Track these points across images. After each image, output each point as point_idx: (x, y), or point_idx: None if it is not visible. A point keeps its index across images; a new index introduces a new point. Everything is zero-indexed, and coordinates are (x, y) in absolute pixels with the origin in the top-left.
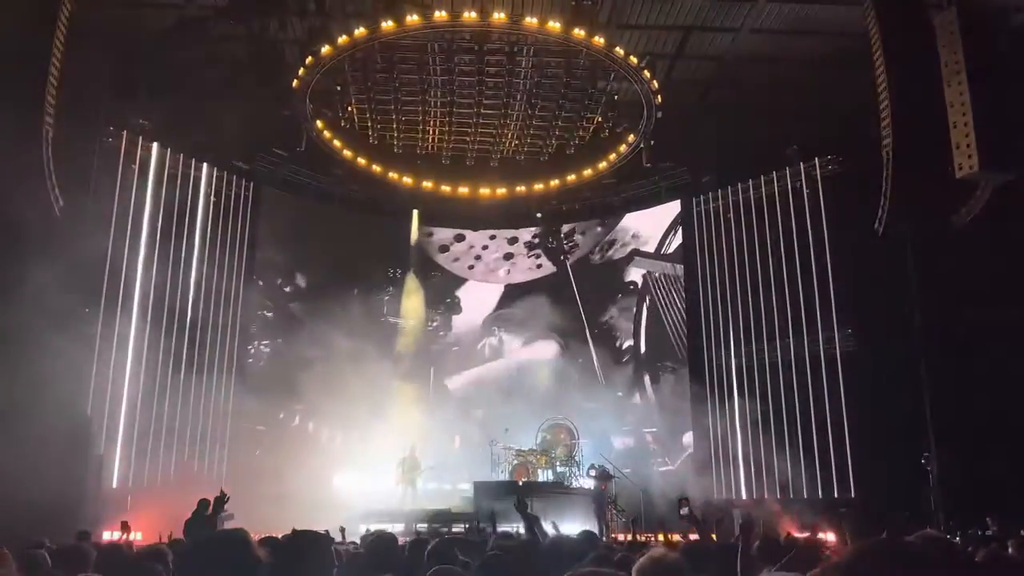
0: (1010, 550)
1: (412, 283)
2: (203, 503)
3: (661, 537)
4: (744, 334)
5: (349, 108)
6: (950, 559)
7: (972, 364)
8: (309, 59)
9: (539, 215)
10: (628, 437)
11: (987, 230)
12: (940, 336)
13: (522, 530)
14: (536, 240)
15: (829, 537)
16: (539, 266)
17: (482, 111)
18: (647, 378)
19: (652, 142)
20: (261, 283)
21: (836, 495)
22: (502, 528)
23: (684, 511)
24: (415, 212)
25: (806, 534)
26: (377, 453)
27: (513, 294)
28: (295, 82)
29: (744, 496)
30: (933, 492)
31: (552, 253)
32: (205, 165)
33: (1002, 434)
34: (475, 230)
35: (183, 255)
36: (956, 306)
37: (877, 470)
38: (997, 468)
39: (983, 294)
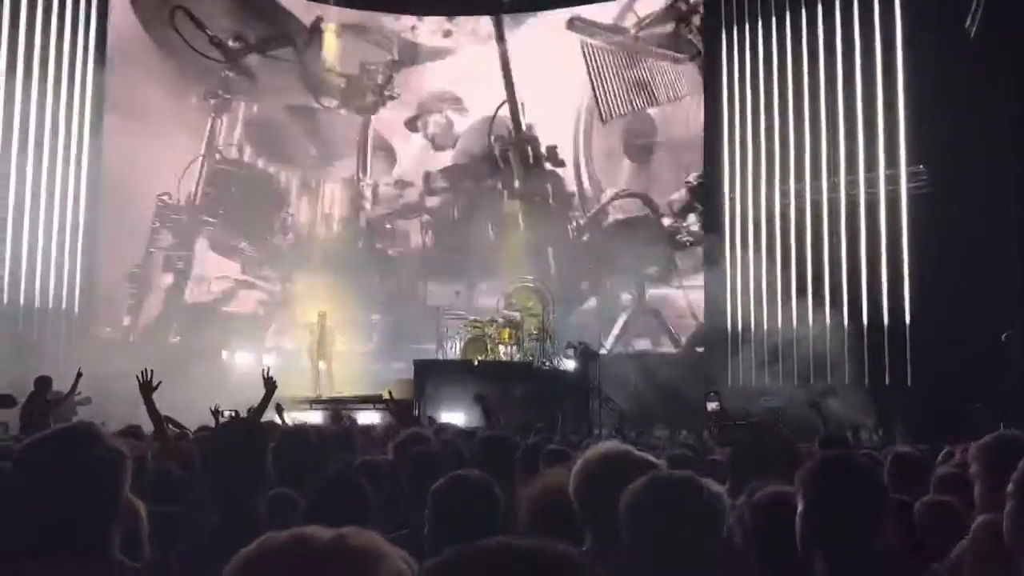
0: None
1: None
2: (43, 382)
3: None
4: (779, 169)
5: None
6: None
7: None
8: None
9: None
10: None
11: None
12: None
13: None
14: None
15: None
16: None
17: None
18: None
19: None
20: None
21: (888, 385)
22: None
23: (713, 405)
24: None
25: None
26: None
27: None
28: None
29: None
30: (1013, 381)
31: None
32: None
33: None
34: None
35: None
36: None
37: (944, 354)
38: None
39: None
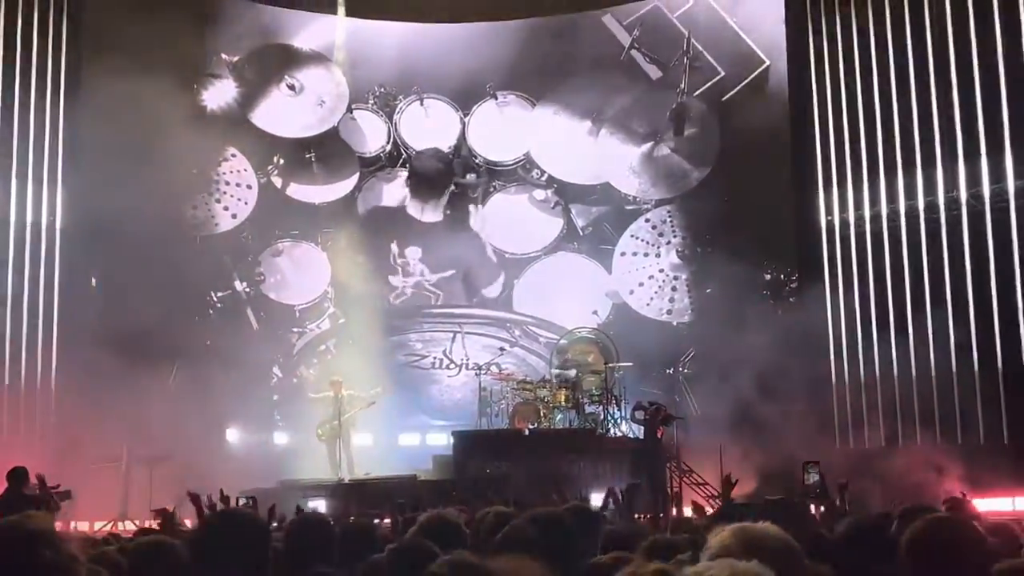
0: None
1: None
2: (17, 475)
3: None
4: (883, 167)
5: None
6: None
7: None
8: None
9: None
10: None
11: None
12: None
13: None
14: None
15: None
16: None
17: None
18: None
19: None
20: None
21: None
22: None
23: (813, 479)
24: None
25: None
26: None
27: None
28: None
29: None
30: None
31: None
32: None
33: None
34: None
35: None
36: None
37: None
38: None
39: None
